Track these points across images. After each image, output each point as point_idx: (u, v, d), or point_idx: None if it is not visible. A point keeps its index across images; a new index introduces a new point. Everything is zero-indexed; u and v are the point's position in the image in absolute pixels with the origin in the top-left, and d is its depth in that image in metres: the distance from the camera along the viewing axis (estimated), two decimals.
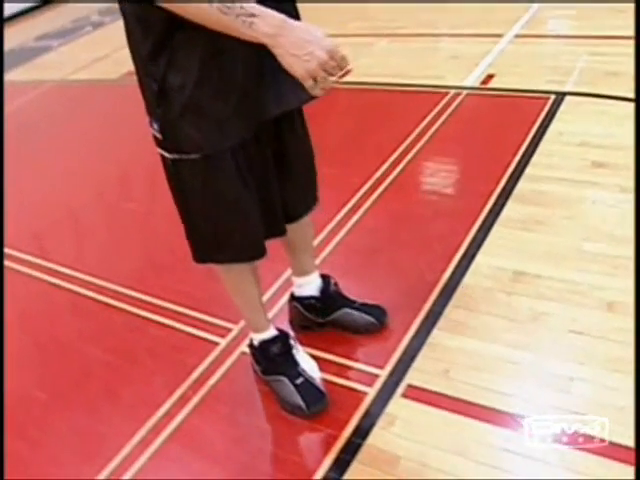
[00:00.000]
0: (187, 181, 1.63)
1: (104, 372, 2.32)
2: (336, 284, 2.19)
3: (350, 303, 2.17)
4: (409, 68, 4.23)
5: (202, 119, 1.50)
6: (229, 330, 2.34)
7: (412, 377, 1.98)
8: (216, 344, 2.30)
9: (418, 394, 1.92)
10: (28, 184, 3.97)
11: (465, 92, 3.70)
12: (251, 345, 2.08)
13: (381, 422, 1.86)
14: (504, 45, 4.24)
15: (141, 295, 2.64)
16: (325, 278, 2.18)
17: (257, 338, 2.04)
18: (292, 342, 2.04)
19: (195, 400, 2.10)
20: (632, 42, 3.72)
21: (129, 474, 1.90)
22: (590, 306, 2.10)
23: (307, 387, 1.94)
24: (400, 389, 1.95)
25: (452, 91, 3.74)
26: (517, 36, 4.36)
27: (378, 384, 1.98)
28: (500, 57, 4.08)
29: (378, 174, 3.06)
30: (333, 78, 1.32)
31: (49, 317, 2.72)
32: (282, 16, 1.28)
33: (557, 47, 4.09)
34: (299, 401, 1.92)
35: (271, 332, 2.03)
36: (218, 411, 2.05)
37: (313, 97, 1.47)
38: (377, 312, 2.17)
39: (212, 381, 2.16)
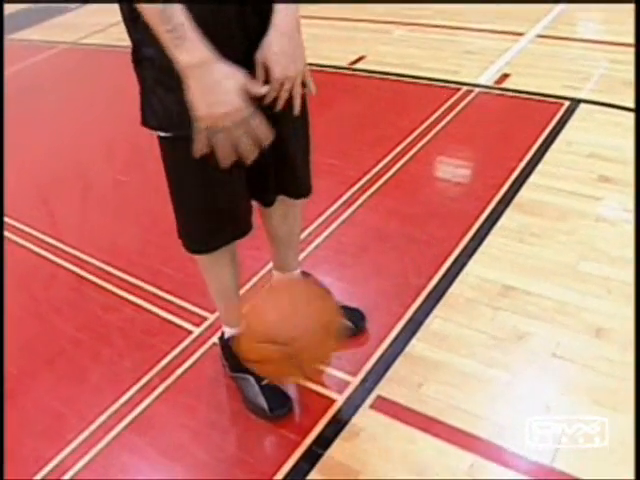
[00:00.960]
0: (174, 159, 1.57)
1: (74, 350, 2.26)
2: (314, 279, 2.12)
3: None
4: (424, 59, 4.11)
5: (174, 94, 1.36)
6: (204, 319, 2.27)
7: (383, 388, 1.90)
8: (189, 332, 2.24)
9: (387, 407, 1.85)
10: (26, 144, 3.90)
11: (478, 90, 3.59)
12: (221, 338, 2.02)
13: (345, 433, 1.79)
14: (524, 44, 4.11)
15: (122, 273, 2.58)
16: (305, 277, 2.10)
17: (228, 332, 1.98)
18: None
19: (160, 389, 2.04)
20: None
21: (85, 460, 1.85)
22: (577, 330, 2.01)
23: (273, 390, 1.87)
24: (369, 400, 1.87)
25: (464, 88, 3.64)
26: (539, 36, 4.23)
27: (347, 392, 1.91)
28: (518, 56, 3.96)
29: (377, 168, 2.97)
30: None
31: (26, 286, 2.65)
32: (208, 57, 1.23)
33: (578, 51, 3.95)
34: (263, 403, 1.85)
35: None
36: (182, 402, 1.99)
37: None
38: (355, 316, 2.09)
39: (180, 370, 2.10)
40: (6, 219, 3.10)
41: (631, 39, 3.92)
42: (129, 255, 2.71)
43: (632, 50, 3.80)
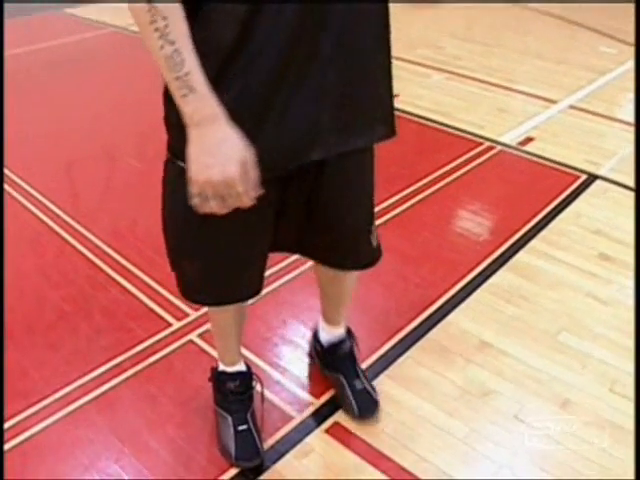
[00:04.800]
0: (175, 192, 1.40)
1: (56, 319, 2.32)
2: (352, 347, 1.99)
3: (351, 376, 1.95)
4: (455, 108, 4.16)
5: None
6: (186, 315, 2.31)
7: (342, 415, 1.93)
8: (169, 324, 2.28)
9: (341, 434, 1.87)
10: (51, 116, 3.99)
11: (499, 148, 3.64)
12: (214, 369, 1.92)
13: (296, 450, 1.82)
14: (554, 112, 4.16)
15: (115, 254, 2.64)
16: (344, 339, 1.99)
17: (220, 367, 1.89)
18: (254, 383, 1.89)
19: (129, 373, 2.09)
20: None
21: (42, 425, 1.91)
22: (544, 398, 2.03)
23: (246, 439, 1.79)
24: (326, 424, 1.90)
25: (487, 143, 3.68)
26: (571, 107, 4.27)
27: (307, 412, 1.94)
28: (547, 123, 4.00)
29: (384, 204, 3.01)
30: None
31: (22, 247, 2.71)
32: (216, 115, 1.13)
33: (606, 128, 3.99)
34: (231, 448, 1.78)
35: (236, 367, 1.87)
36: (146, 390, 2.03)
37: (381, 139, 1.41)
38: (368, 403, 1.93)
39: (152, 359, 2.14)
40: (19, 181, 3.18)
41: None
42: (128, 239, 2.76)
43: None
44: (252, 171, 1.17)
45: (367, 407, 1.92)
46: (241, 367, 1.87)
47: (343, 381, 1.94)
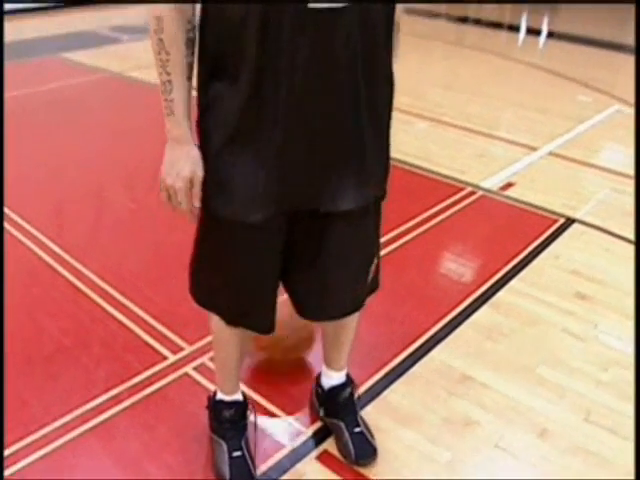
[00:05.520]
0: (205, 226, 1.62)
1: (56, 351, 2.40)
2: (352, 394, 2.08)
3: (351, 423, 2.01)
4: (438, 155, 4.34)
5: (223, 182, 1.48)
6: (181, 349, 2.41)
7: (331, 444, 2.02)
8: (165, 357, 2.37)
9: (331, 462, 1.96)
10: (46, 155, 4.12)
11: (481, 192, 3.80)
12: (211, 397, 2.01)
13: (288, 476, 1.91)
14: (534, 159, 4.34)
15: (111, 289, 2.74)
16: (344, 383, 2.07)
17: (218, 395, 1.98)
18: (249, 412, 1.98)
19: (127, 403, 2.17)
20: None
21: (41, 452, 1.97)
22: (523, 427, 2.14)
23: (240, 464, 1.87)
24: (317, 451, 2.00)
25: (469, 188, 3.84)
26: (550, 153, 4.46)
27: (298, 441, 2.03)
28: (526, 169, 4.18)
29: None
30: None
31: (20, 283, 2.81)
32: (182, 137, 1.44)
33: (582, 174, 4.17)
34: (226, 473, 1.86)
35: (232, 397, 1.97)
36: (144, 420, 2.11)
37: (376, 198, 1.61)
38: (365, 450, 1.98)
39: (149, 390, 2.22)
40: (18, 219, 3.28)
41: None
42: (124, 275, 2.86)
43: (633, 183, 4.02)
44: (196, 188, 1.47)
45: (364, 453, 1.96)
46: (238, 396, 1.97)
47: (342, 427, 2.00)
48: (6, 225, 3.24)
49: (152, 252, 3.09)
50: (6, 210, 3.36)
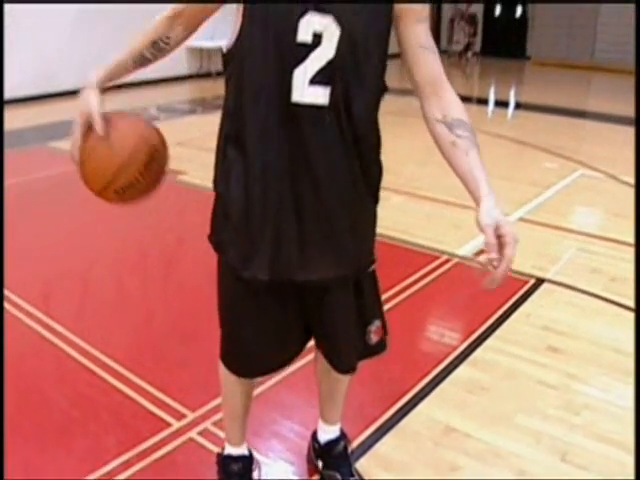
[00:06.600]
0: (220, 281, 1.84)
1: (66, 422, 2.56)
2: (346, 447, 2.25)
3: (346, 473, 2.18)
4: (415, 227, 4.61)
5: (227, 223, 1.69)
6: (184, 415, 2.58)
7: None
8: (169, 424, 2.54)
9: None
10: (49, 240, 4.34)
11: (456, 260, 4.05)
12: (220, 453, 2.21)
13: None
14: None
15: (114, 364, 2.92)
16: (339, 437, 2.25)
17: (226, 449, 2.17)
18: (254, 466, 2.17)
19: (137, 467, 2.32)
20: (618, 246, 4.23)
21: None
22: (504, 470, 2.32)
23: None
24: None
25: (445, 256, 4.10)
26: (520, 219, 4.75)
27: None
28: None
29: None
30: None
31: (27, 362, 2.98)
32: (90, 82, 1.66)
33: (550, 236, 4.46)
34: None
35: (238, 450, 2.15)
36: None
37: (354, 274, 1.75)
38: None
39: (156, 455, 2.38)
40: (18, 300, 3.48)
41: (603, 233, 4.45)
42: (124, 348, 3.06)
43: (602, 243, 4.32)
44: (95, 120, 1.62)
45: None
46: (244, 451, 2.16)
47: (338, 478, 2.18)
48: (8, 306, 3.42)
49: (147, 325, 3.30)
50: (6, 292, 3.54)
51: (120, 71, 1.70)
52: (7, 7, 7.73)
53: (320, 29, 1.47)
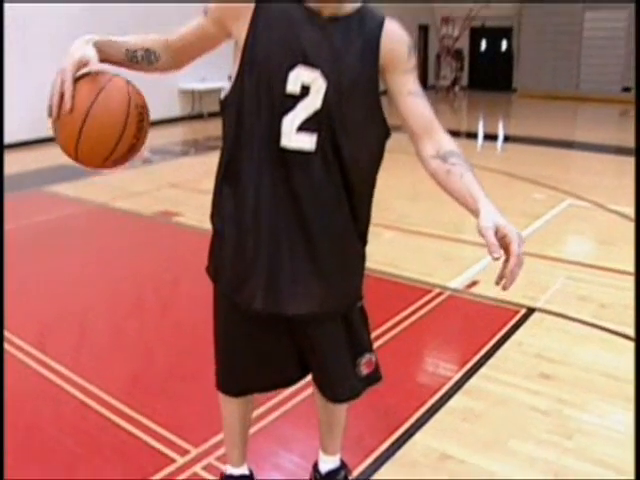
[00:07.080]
0: (215, 308, 1.97)
1: (72, 460, 2.63)
2: (346, 477, 2.33)
3: None
4: (405, 261, 4.73)
5: (222, 253, 1.82)
6: (187, 451, 2.65)
7: None
8: (174, 460, 2.61)
9: None
10: (48, 282, 4.43)
11: (448, 293, 4.16)
12: (222, 474, 2.33)
13: None
14: None
15: (117, 402, 2.99)
16: (339, 467, 2.32)
17: (227, 469, 2.29)
18: None
19: None
20: (606, 273, 4.35)
21: None
22: None
23: None
24: None
25: (436, 289, 4.21)
26: None
27: None
28: (488, 266, 4.55)
29: None
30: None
31: (30, 402, 3.05)
32: (83, 39, 1.60)
33: (539, 266, 4.57)
34: None
35: (239, 470, 2.25)
36: None
37: (324, 313, 1.83)
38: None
39: None
40: (18, 341, 3.56)
41: (590, 261, 4.56)
42: (126, 386, 3.14)
43: (588, 270, 4.43)
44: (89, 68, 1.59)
45: None
46: (245, 471, 2.26)
47: None
48: (8, 347, 3.49)
49: (147, 363, 3.38)
50: (6, 333, 3.62)
51: (113, 49, 1.68)
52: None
53: (308, 81, 1.61)
